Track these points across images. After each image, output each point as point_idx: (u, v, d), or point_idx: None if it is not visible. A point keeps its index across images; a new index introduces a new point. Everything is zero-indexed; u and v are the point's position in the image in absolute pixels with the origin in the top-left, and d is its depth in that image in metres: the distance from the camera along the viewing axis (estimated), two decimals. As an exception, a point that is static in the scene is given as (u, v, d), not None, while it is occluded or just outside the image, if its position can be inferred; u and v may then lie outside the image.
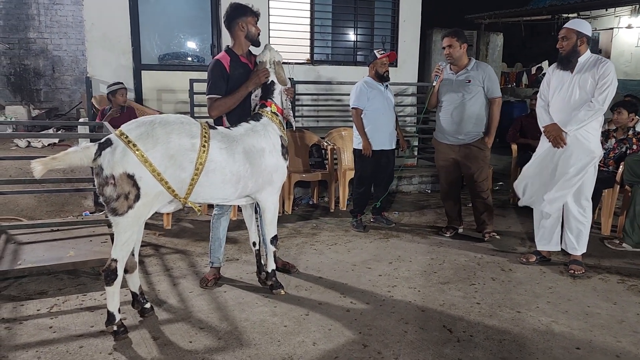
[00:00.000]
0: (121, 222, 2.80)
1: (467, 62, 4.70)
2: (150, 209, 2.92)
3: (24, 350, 2.78)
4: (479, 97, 4.64)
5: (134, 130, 2.80)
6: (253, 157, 3.20)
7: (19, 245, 3.97)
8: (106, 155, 2.74)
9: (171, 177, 2.86)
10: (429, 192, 6.90)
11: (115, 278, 2.86)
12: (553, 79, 4.06)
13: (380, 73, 5.01)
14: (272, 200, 3.42)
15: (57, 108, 11.05)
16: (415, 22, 7.82)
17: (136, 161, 2.72)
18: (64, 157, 2.73)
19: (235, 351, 2.82)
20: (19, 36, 10.96)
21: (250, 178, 3.21)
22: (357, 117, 5.02)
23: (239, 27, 3.56)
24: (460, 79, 4.66)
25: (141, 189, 2.77)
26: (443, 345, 2.93)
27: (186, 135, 2.90)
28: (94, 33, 6.54)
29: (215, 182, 3.04)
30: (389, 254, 4.45)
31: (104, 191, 2.75)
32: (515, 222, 5.47)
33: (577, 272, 4.01)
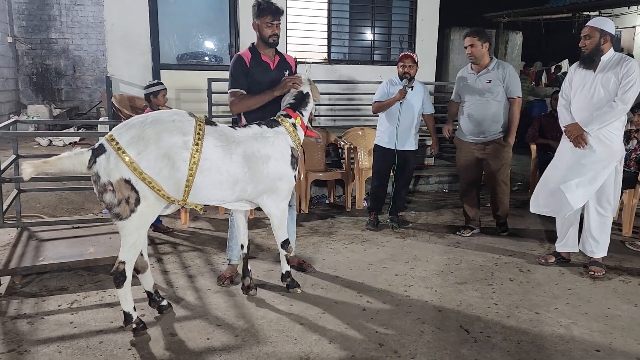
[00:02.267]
0: (126, 226, 2.80)
1: (488, 61, 4.68)
2: (156, 210, 2.90)
3: (46, 345, 2.83)
4: (500, 96, 4.64)
5: (125, 135, 2.75)
6: (254, 162, 3.10)
7: (41, 242, 4.04)
8: (101, 162, 2.72)
9: (166, 179, 2.80)
10: (446, 192, 6.86)
11: (125, 280, 2.87)
12: (575, 77, 4.00)
13: (399, 74, 4.99)
14: (278, 206, 3.35)
15: (77, 107, 11.23)
16: (433, 21, 7.78)
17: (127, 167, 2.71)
18: (56, 161, 2.71)
19: (252, 349, 2.84)
20: (41, 36, 11.16)
21: (249, 183, 3.11)
22: (375, 109, 5.10)
23: (254, 27, 3.59)
24: (482, 79, 4.66)
25: (139, 192, 2.75)
26: (460, 346, 2.92)
27: (178, 132, 2.82)
28: (114, 33, 6.64)
29: (212, 182, 2.94)
30: (405, 253, 4.43)
31: (104, 198, 2.75)
32: (534, 223, 5.40)
33: (597, 274, 3.96)
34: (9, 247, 3.92)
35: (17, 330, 2.98)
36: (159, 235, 4.82)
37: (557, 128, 4.24)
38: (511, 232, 5.03)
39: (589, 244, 4.04)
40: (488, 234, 4.98)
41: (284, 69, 3.68)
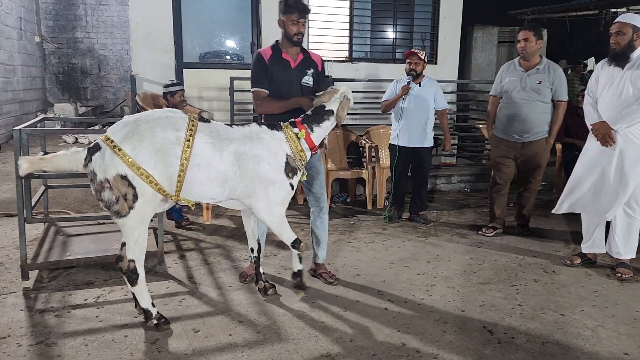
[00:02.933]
0: (127, 223, 2.82)
1: (538, 60, 4.58)
2: (154, 207, 2.91)
3: (72, 338, 2.88)
4: (547, 98, 4.56)
5: (119, 132, 2.77)
6: (245, 161, 3.01)
7: (68, 237, 4.12)
8: (97, 160, 2.74)
9: (161, 175, 2.81)
10: (468, 191, 6.79)
11: (138, 277, 2.90)
12: (602, 75, 3.92)
13: (406, 70, 5.01)
14: (272, 212, 3.16)
15: (102, 105, 11.43)
16: (456, 18, 7.70)
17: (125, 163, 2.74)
18: (52, 159, 2.75)
19: (274, 345, 2.85)
20: (67, 36, 11.39)
21: (240, 182, 3.03)
22: (383, 108, 5.21)
23: (279, 23, 3.54)
24: (531, 78, 4.55)
25: (137, 187, 2.76)
26: (483, 347, 2.89)
27: (171, 128, 2.83)
28: (138, 33, 6.73)
29: (202, 179, 2.92)
30: (427, 253, 4.40)
31: (102, 196, 2.76)
32: (558, 223, 5.31)
33: (625, 276, 3.88)
34: (37, 242, 4.01)
35: (45, 323, 3.04)
36: (181, 232, 4.88)
37: (584, 127, 4.16)
38: (535, 232, 4.97)
39: (615, 245, 3.96)
40: (511, 234, 4.92)
41: (307, 68, 3.59)
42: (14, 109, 9.14)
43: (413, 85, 4.99)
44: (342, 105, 3.25)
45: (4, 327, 2.98)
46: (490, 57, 9.52)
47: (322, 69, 3.69)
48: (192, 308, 3.29)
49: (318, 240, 3.77)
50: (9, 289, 3.51)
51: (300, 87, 3.54)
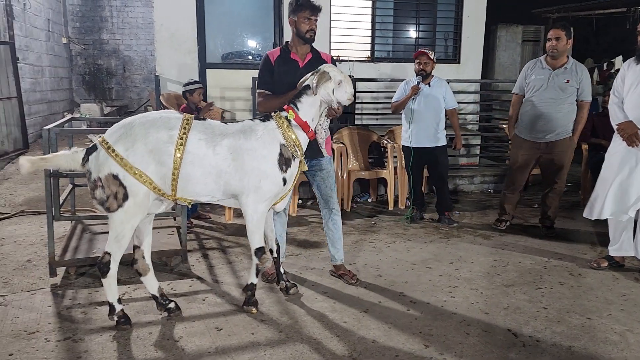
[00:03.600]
0: (113, 217, 2.87)
1: (566, 60, 4.56)
2: (144, 209, 2.92)
3: (99, 334, 2.94)
4: (572, 97, 4.55)
5: (114, 134, 2.85)
6: (240, 154, 2.99)
7: (94, 235, 4.20)
8: (92, 160, 2.84)
9: (154, 174, 2.85)
10: (491, 192, 6.71)
11: (108, 271, 2.93)
12: (628, 74, 3.84)
13: (415, 71, 5.01)
14: (255, 208, 3.10)
15: (127, 105, 11.61)
16: (480, 17, 7.61)
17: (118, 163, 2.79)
18: (52, 158, 2.87)
19: (296, 345, 2.86)
20: (94, 37, 11.60)
21: (234, 176, 3.00)
22: (392, 110, 5.23)
23: (290, 23, 3.57)
24: (559, 77, 4.52)
25: (127, 187, 2.81)
26: (508, 350, 2.85)
27: (164, 128, 2.86)
28: (162, 33, 6.81)
29: (195, 176, 2.93)
30: (449, 254, 4.37)
31: (95, 194, 2.84)
32: (584, 225, 5.21)
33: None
34: (64, 240, 4.09)
35: (72, 319, 3.10)
36: (204, 231, 4.93)
37: (610, 127, 4.08)
38: (560, 234, 4.90)
39: (637, 246, 3.87)
40: (536, 236, 4.85)
41: (316, 67, 3.54)
42: (42, 109, 9.34)
43: (422, 86, 4.97)
44: (318, 79, 3.12)
45: (33, 322, 3.05)
46: (514, 57, 9.38)
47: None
48: (215, 306, 3.32)
49: (332, 241, 3.77)
50: (37, 285, 3.59)
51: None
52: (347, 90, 3.21)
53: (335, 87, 3.17)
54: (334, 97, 3.19)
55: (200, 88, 5.12)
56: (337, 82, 3.17)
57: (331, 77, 3.16)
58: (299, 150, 3.15)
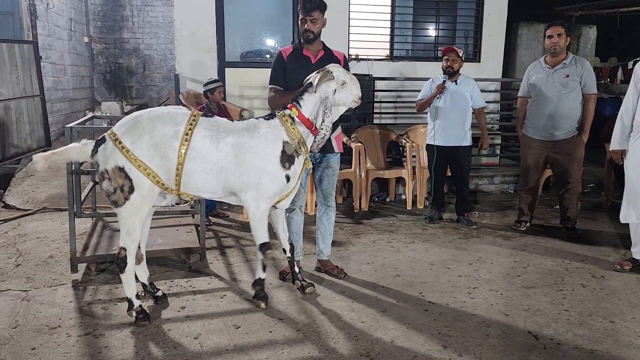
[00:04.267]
0: (121, 212, 2.93)
1: (564, 56, 4.57)
2: (150, 200, 2.98)
3: (119, 330, 2.97)
4: (576, 92, 4.52)
5: (122, 127, 2.91)
6: (242, 151, 3.01)
7: (114, 232, 4.24)
8: (100, 152, 2.90)
9: (158, 167, 2.90)
10: (512, 192, 6.62)
11: (126, 265, 2.98)
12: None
13: (443, 68, 4.95)
14: (258, 205, 3.11)
15: (146, 104, 11.71)
16: (501, 15, 7.51)
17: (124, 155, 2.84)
18: (63, 152, 2.93)
19: (314, 344, 2.86)
20: (114, 36, 11.74)
21: (234, 172, 3.02)
22: (417, 108, 5.20)
23: (297, 21, 3.62)
24: (558, 73, 4.53)
25: (133, 180, 2.86)
26: (528, 352, 2.81)
27: (171, 123, 2.91)
28: (182, 32, 6.86)
29: (197, 172, 2.96)
30: (468, 254, 4.32)
31: (103, 186, 2.91)
32: (607, 226, 5.12)
33: None
34: (85, 236, 4.15)
35: (93, 315, 3.14)
36: (221, 229, 4.96)
37: None
38: (583, 235, 4.81)
39: None
40: (557, 237, 4.77)
41: (328, 64, 3.56)
42: (64, 107, 9.48)
43: (449, 84, 4.92)
44: (320, 77, 3.12)
45: (54, 317, 3.10)
46: (536, 55, 9.24)
47: (344, 65, 3.67)
48: (233, 304, 3.34)
49: (324, 236, 3.82)
50: (59, 281, 3.64)
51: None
52: (352, 93, 3.18)
53: (338, 88, 3.15)
54: (334, 98, 3.15)
55: (221, 86, 5.18)
56: (340, 82, 3.14)
57: (334, 77, 3.14)
58: (304, 148, 3.16)
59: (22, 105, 7.03)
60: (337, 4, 7.07)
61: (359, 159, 5.64)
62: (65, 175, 3.71)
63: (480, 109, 5.04)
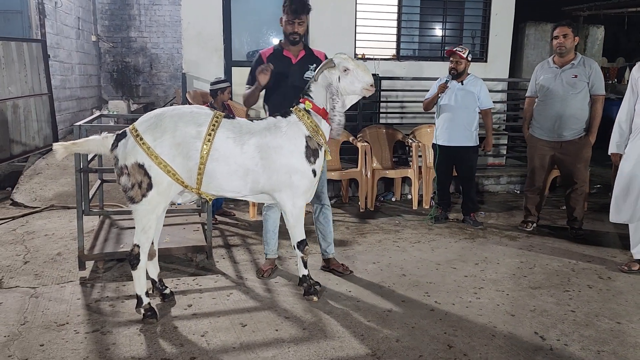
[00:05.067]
0: (138, 210, 2.94)
1: (573, 56, 4.56)
2: (166, 198, 2.99)
3: (126, 327, 2.99)
4: (584, 93, 4.51)
5: (144, 123, 2.92)
6: (267, 152, 3.05)
7: (121, 230, 4.27)
8: (121, 147, 2.91)
9: (179, 166, 2.91)
10: (518, 193, 6.61)
11: (138, 262, 3.00)
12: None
13: (449, 69, 4.96)
14: (294, 204, 3.19)
15: (153, 103, 11.76)
16: (508, 15, 7.49)
17: (145, 152, 2.85)
18: (83, 143, 2.99)
19: (320, 342, 2.87)
20: (122, 35, 11.78)
21: (262, 174, 3.06)
22: (424, 107, 5.24)
23: (280, 22, 3.65)
24: (566, 74, 4.53)
25: (152, 177, 2.87)
26: (534, 352, 2.81)
27: (193, 123, 2.92)
28: (189, 32, 6.88)
29: (221, 172, 2.98)
30: (474, 255, 4.32)
31: (121, 181, 2.92)
32: (614, 227, 5.09)
33: None
34: (93, 234, 4.17)
35: (101, 312, 3.17)
36: (228, 228, 4.97)
37: None
38: (589, 236, 4.80)
39: None
40: (564, 238, 4.76)
41: (309, 64, 3.64)
42: (72, 105, 9.53)
43: (455, 84, 4.93)
44: (321, 65, 3.19)
45: (62, 314, 3.13)
46: (543, 55, 9.20)
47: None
48: (240, 302, 3.35)
49: (324, 235, 3.85)
50: (67, 278, 3.67)
51: (301, 82, 3.56)
52: (359, 79, 3.15)
53: (342, 75, 3.14)
54: (338, 85, 3.14)
55: (229, 87, 5.22)
56: (342, 69, 3.14)
57: (335, 64, 3.14)
58: (323, 139, 3.20)
59: (30, 103, 7.07)
60: (344, 4, 7.09)
61: (365, 159, 5.65)
62: (73, 173, 3.73)
63: (487, 110, 5.03)
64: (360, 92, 3.22)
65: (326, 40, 6.98)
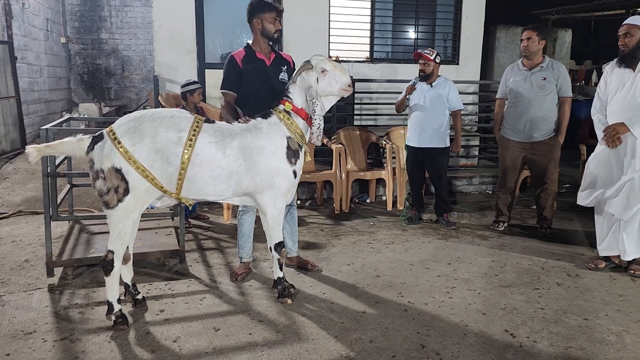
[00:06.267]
0: (113, 215, 2.88)
1: (541, 59, 4.66)
2: (143, 203, 2.95)
3: (96, 334, 2.93)
4: (552, 95, 4.63)
5: (123, 126, 2.85)
6: (250, 154, 3.05)
7: (91, 235, 4.19)
8: (97, 149, 2.83)
9: (159, 172, 2.86)
10: (490, 193, 6.71)
11: (112, 269, 2.94)
12: (612, 78, 3.92)
13: (419, 71, 5.03)
14: (275, 205, 3.21)
15: (125, 105, 11.58)
16: (479, 18, 7.63)
17: (122, 156, 2.80)
18: (58, 145, 2.89)
19: (294, 345, 2.86)
20: (92, 37, 11.58)
21: (245, 175, 3.06)
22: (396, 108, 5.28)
23: (255, 24, 3.61)
24: (535, 76, 4.63)
25: (129, 182, 2.82)
26: (505, 350, 2.85)
27: (174, 129, 2.88)
28: (161, 33, 6.81)
29: (203, 177, 2.96)
30: (447, 254, 4.37)
31: (96, 185, 2.85)
32: (582, 226, 5.23)
33: (637, 272, 3.90)
34: (62, 240, 4.09)
35: (70, 320, 3.10)
36: (202, 232, 4.93)
37: None
38: (559, 235, 4.91)
39: (622, 244, 3.92)
40: (534, 237, 4.86)
41: (280, 66, 3.68)
42: (40, 108, 9.32)
43: (424, 86, 4.99)
44: (299, 67, 3.21)
45: (30, 322, 3.05)
46: (514, 58, 9.37)
47: (293, 66, 3.75)
48: (213, 307, 3.32)
49: (291, 234, 3.92)
50: (34, 285, 3.58)
51: (277, 83, 3.59)
52: (337, 80, 3.18)
53: (319, 76, 3.17)
54: (317, 87, 3.17)
55: (200, 88, 5.15)
56: (319, 70, 3.17)
57: (312, 65, 3.17)
58: (303, 140, 3.21)
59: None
60: (318, 6, 7.11)
61: (340, 161, 5.67)
62: (41, 178, 3.64)
63: (456, 112, 5.10)
64: (339, 92, 3.25)
65: (300, 42, 7.00)
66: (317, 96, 3.17)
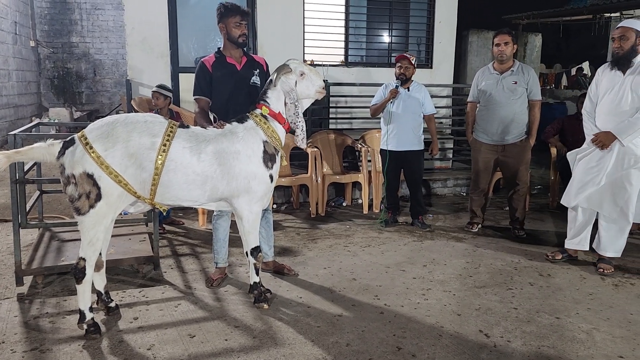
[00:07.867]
0: (85, 221, 2.82)
1: (512, 63, 4.75)
2: (115, 209, 2.90)
3: (67, 344, 2.87)
4: (523, 98, 4.72)
5: (95, 131, 2.80)
6: (225, 159, 3.02)
7: (62, 242, 4.10)
8: (68, 154, 2.77)
9: (132, 177, 2.82)
10: (464, 195, 6.80)
11: (84, 276, 2.88)
12: (603, 80, 3.97)
13: (396, 74, 5.05)
14: (251, 209, 3.19)
15: (97, 110, 11.40)
16: (451, 23, 7.74)
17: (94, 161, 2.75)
18: (27, 151, 2.82)
19: (270, 350, 2.84)
20: (63, 40, 11.38)
21: (221, 180, 3.03)
22: (371, 113, 5.28)
23: (221, 29, 3.62)
24: (507, 80, 4.71)
25: (102, 188, 2.77)
26: (479, 350, 2.89)
27: (148, 133, 2.84)
28: (134, 37, 6.72)
29: (178, 183, 2.93)
30: (423, 256, 4.41)
31: (67, 190, 2.79)
32: (553, 226, 5.34)
33: (606, 271, 4.00)
34: (31, 248, 3.99)
35: (40, 329, 3.02)
36: (176, 237, 4.87)
37: (581, 131, 4.20)
38: (531, 235, 5.00)
39: (601, 241, 4.04)
40: (507, 238, 4.94)
41: (253, 69, 3.67)
42: (8, 113, 9.11)
43: (401, 90, 5.02)
44: (277, 71, 3.19)
45: (-2, 333, 2.97)
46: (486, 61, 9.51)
47: (267, 69, 3.75)
48: (188, 313, 3.28)
49: (267, 239, 3.91)
50: (3, 295, 3.49)
51: (249, 87, 3.60)
52: (314, 83, 3.24)
53: (298, 80, 3.21)
54: (297, 90, 3.20)
55: (156, 92, 5.03)
56: (298, 73, 3.20)
57: (291, 69, 3.19)
58: (279, 144, 3.21)
59: (-38, 111, 6.71)
60: (292, 10, 7.12)
61: (315, 164, 5.67)
62: (9, 185, 3.55)
63: (430, 116, 5.17)
64: (314, 95, 3.29)
65: (275, 46, 6.99)
66: (298, 99, 3.19)
